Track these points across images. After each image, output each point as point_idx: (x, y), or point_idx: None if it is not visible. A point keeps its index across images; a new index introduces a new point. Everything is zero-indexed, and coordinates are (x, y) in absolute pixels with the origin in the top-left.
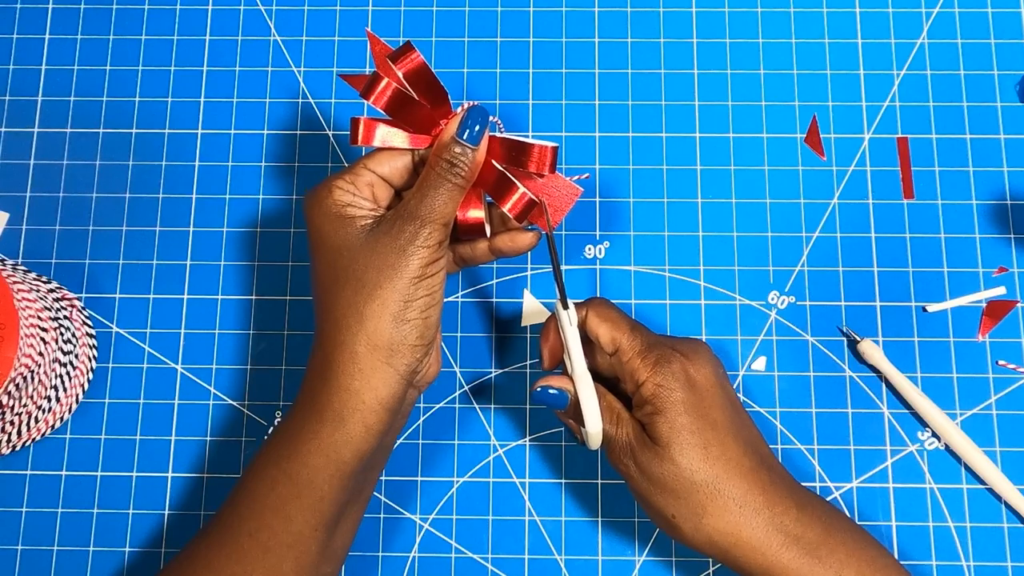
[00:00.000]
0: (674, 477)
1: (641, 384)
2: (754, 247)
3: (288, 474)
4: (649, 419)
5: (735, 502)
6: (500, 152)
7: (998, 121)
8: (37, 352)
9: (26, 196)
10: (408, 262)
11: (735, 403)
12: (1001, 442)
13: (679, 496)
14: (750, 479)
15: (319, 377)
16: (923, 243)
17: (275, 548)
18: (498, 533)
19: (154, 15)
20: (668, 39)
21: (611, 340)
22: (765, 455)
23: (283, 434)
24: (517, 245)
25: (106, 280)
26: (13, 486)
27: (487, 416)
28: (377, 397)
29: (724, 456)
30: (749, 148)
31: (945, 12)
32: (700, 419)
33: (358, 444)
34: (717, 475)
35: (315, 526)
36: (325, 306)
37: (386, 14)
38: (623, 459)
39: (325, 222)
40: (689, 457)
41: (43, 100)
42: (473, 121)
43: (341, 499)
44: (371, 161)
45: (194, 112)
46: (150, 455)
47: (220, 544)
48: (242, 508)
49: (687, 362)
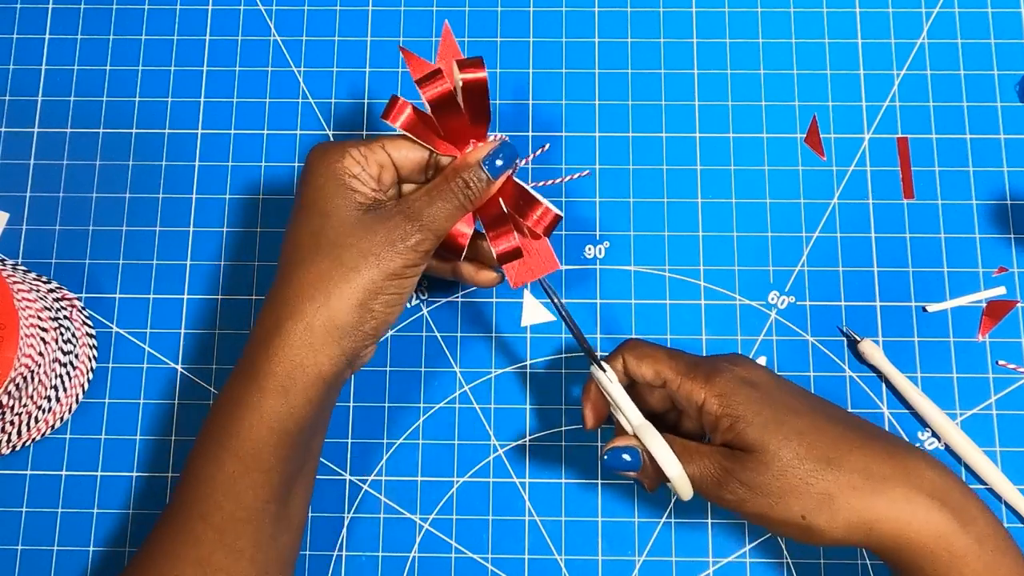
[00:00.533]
0: (785, 475)
1: (703, 403)
2: (754, 247)
3: (233, 451)
4: (731, 432)
5: (860, 475)
6: (510, 193)
7: (998, 121)
8: (37, 352)
9: (26, 196)
10: (393, 258)
11: (806, 392)
12: (1001, 442)
13: (799, 493)
14: (866, 450)
15: (264, 343)
16: (923, 243)
17: (230, 527)
18: (498, 533)
19: (154, 15)
20: (668, 39)
21: (655, 375)
22: (875, 429)
23: (225, 406)
24: (478, 279)
25: (106, 280)
26: (13, 486)
27: (487, 416)
28: (320, 372)
29: (824, 437)
30: (749, 148)
31: (945, 12)
32: (780, 410)
33: (300, 415)
34: (827, 456)
35: (266, 499)
36: (292, 268)
37: (386, 14)
38: (723, 491)
39: (327, 184)
40: (791, 448)
41: (43, 100)
42: (502, 155)
43: (288, 470)
44: (389, 143)
45: (194, 112)
46: (150, 455)
47: (175, 531)
48: (191, 492)
49: (736, 367)
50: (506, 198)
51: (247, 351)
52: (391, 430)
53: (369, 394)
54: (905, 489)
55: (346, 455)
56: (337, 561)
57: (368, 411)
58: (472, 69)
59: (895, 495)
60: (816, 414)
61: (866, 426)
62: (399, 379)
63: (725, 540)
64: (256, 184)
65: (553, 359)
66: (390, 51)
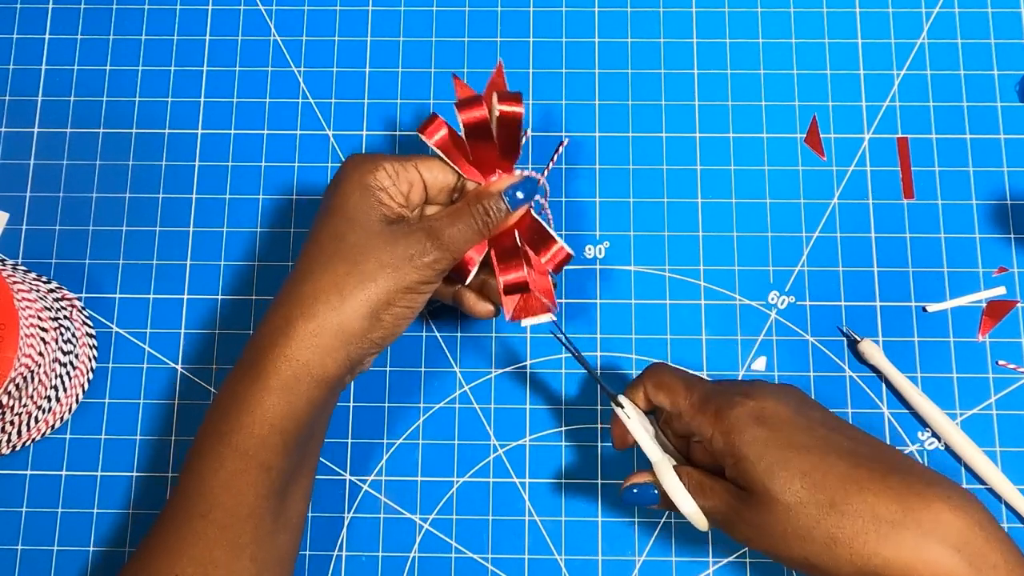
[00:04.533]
0: (788, 519)
1: (710, 439)
2: (754, 247)
3: (234, 447)
4: (735, 471)
5: (865, 520)
6: (526, 226)
7: (998, 121)
8: (37, 352)
9: (26, 196)
10: (410, 272)
11: (827, 422)
12: (1001, 442)
13: (801, 537)
14: (876, 489)
15: (270, 341)
16: (923, 243)
17: (231, 524)
18: (498, 533)
19: (154, 15)
20: (668, 39)
21: (672, 405)
22: (894, 462)
23: (227, 402)
24: (476, 309)
25: (106, 280)
26: (13, 486)
27: (487, 416)
28: (325, 375)
29: (831, 476)
30: (749, 148)
31: (945, 12)
32: (785, 450)
33: (301, 416)
34: (831, 498)
35: (266, 495)
36: (310, 269)
37: (386, 14)
38: (735, 527)
39: (356, 192)
40: (792, 491)
41: (43, 100)
42: (523, 190)
43: (287, 468)
44: (422, 163)
45: (194, 112)
46: (150, 455)
47: (176, 528)
48: (192, 489)
49: (749, 401)
50: (522, 231)
51: (252, 346)
52: (391, 430)
53: (369, 394)
54: (915, 534)
55: (346, 455)
56: (337, 561)
57: (368, 411)
58: (510, 103)
59: (903, 540)
60: (828, 448)
61: (885, 456)
62: (399, 379)
63: (725, 540)
64: (256, 184)
65: (553, 359)
66: (390, 51)
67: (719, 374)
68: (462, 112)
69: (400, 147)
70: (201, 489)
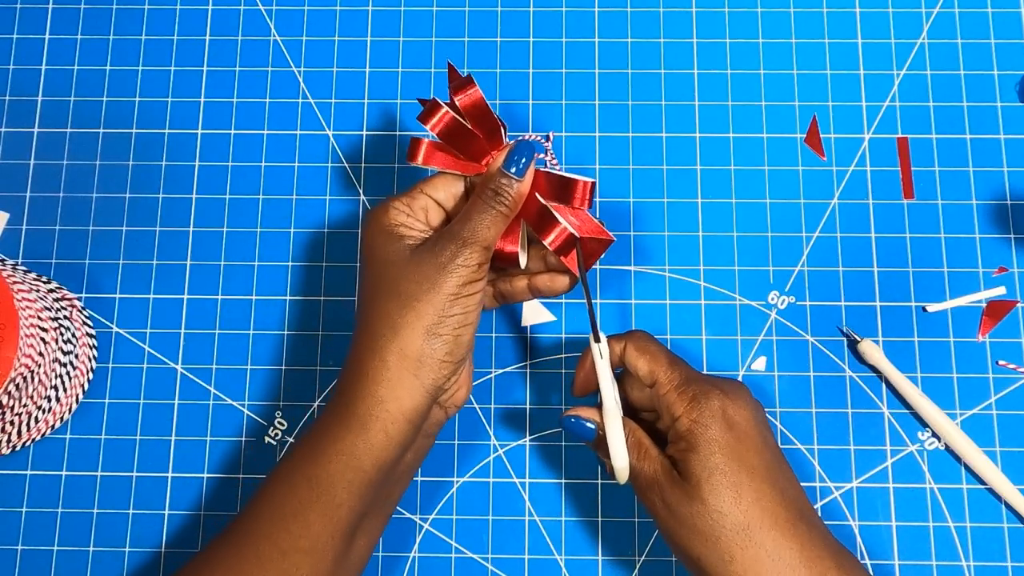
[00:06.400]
0: (702, 518)
1: (677, 419)
2: (754, 247)
3: (308, 478)
4: (682, 456)
5: (767, 554)
6: (545, 186)
7: (998, 121)
8: (37, 352)
9: (26, 196)
10: (447, 279)
11: (775, 451)
12: (1001, 442)
13: (706, 539)
14: (786, 531)
15: (348, 383)
16: (923, 243)
17: (292, 553)
18: (498, 533)
19: (154, 15)
20: (668, 39)
21: (649, 373)
22: (805, 509)
23: (308, 438)
24: (554, 286)
25: (106, 280)
26: (13, 486)
27: (487, 416)
28: (401, 407)
29: (758, 503)
30: (749, 148)
31: (945, 12)
32: (735, 461)
33: (378, 452)
34: (749, 522)
35: (332, 533)
36: (364, 315)
37: (386, 14)
38: (650, 495)
39: (377, 237)
40: (720, 499)
41: (43, 100)
42: (520, 155)
43: (358, 508)
44: (428, 186)
45: (194, 112)
46: (150, 455)
47: (238, 546)
48: (262, 511)
49: (727, 400)
50: (542, 192)
51: (335, 393)
52: None
53: None
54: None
55: None
56: None
57: None
58: (463, 91)
59: None
60: (767, 477)
61: (800, 504)
62: None
63: None
64: (256, 184)
65: (553, 359)
66: (390, 51)
67: (720, 374)
68: (457, 95)
69: (400, 147)
70: (272, 512)
